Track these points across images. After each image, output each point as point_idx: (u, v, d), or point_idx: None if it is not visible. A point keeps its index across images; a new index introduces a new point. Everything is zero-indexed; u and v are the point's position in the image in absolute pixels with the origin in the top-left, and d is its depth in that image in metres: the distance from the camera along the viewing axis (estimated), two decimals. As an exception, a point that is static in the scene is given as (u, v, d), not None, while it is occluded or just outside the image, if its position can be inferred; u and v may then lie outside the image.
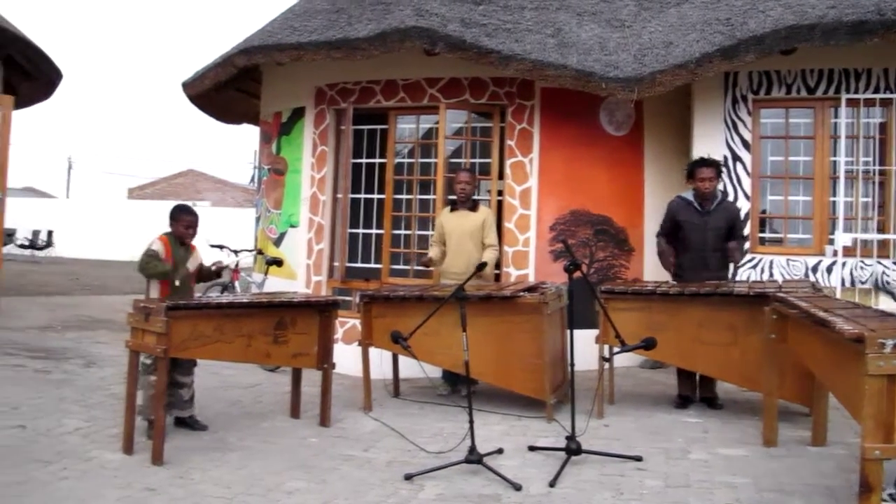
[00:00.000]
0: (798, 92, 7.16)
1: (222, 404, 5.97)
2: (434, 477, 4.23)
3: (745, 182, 7.22)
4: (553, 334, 5.74)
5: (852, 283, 6.90)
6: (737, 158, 7.23)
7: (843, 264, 6.89)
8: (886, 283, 6.86)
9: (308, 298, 5.76)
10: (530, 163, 7.68)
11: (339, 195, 8.22)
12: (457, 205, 6.66)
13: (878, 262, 6.88)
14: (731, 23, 7.01)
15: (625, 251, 7.69)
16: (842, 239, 6.85)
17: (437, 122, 7.88)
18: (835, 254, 6.91)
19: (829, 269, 6.97)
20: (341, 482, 4.22)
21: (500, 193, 7.81)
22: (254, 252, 8.99)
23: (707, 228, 5.92)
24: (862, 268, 6.90)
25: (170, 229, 5.31)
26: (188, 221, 5.31)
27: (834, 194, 7.08)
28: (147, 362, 4.92)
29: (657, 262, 7.13)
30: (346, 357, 6.48)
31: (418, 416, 5.74)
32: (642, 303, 5.57)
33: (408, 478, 4.22)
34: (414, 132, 8.26)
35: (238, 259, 8.48)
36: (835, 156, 7.09)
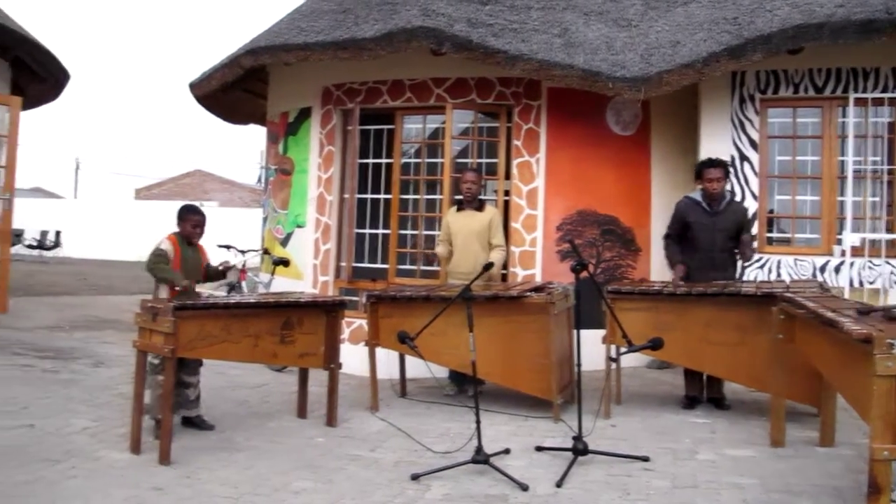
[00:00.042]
0: (806, 91, 7.14)
1: (229, 404, 5.98)
2: (441, 477, 4.23)
3: (753, 182, 7.20)
4: (560, 334, 5.73)
5: (860, 284, 6.88)
6: (744, 158, 7.21)
7: (852, 264, 6.86)
8: (894, 283, 6.83)
9: (315, 298, 5.76)
10: (537, 163, 7.67)
11: (346, 195, 8.23)
12: (463, 204, 6.66)
13: (887, 262, 6.85)
14: (739, 22, 6.99)
15: (631, 251, 7.68)
16: (850, 239, 6.83)
17: (443, 122, 7.88)
18: (843, 254, 6.89)
19: (837, 270, 6.94)
20: (348, 482, 4.22)
21: (507, 193, 7.81)
22: (260, 252, 9.00)
23: (715, 229, 5.89)
24: (870, 268, 6.88)
25: (178, 229, 5.34)
26: (196, 221, 5.33)
27: (842, 194, 7.06)
28: (155, 362, 4.93)
29: (664, 262, 7.11)
30: (352, 357, 6.49)
31: (425, 416, 5.74)
32: (649, 303, 5.56)
33: (414, 478, 4.22)
34: (420, 132, 8.27)
35: (245, 259, 8.49)
36: (843, 155, 7.07)
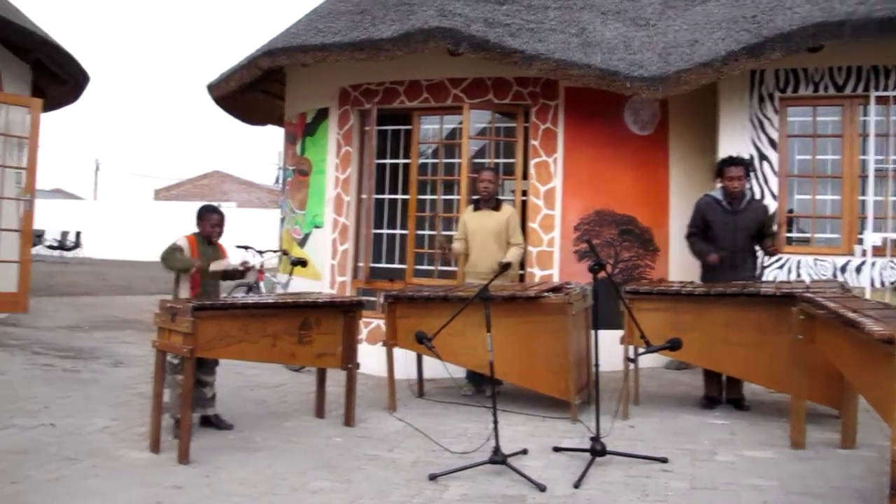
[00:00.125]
0: (826, 90, 7.07)
1: (248, 404, 6.01)
2: (458, 477, 4.23)
3: (772, 181, 7.15)
4: (578, 335, 5.71)
5: (882, 284, 6.81)
6: (763, 157, 7.16)
7: (873, 264, 6.79)
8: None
9: (333, 299, 5.78)
10: (554, 163, 7.65)
11: (364, 196, 8.24)
12: (480, 204, 6.66)
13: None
14: (758, 20, 6.94)
15: (650, 251, 7.64)
16: (871, 238, 6.76)
17: (460, 123, 7.87)
18: (864, 253, 6.82)
19: (858, 270, 6.87)
20: (366, 482, 4.23)
21: (525, 193, 7.79)
22: (279, 253, 9.03)
23: (736, 228, 5.86)
24: (892, 268, 6.80)
25: (197, 229, 5.37)
26: (215, 220, 5.38)
27: (863, 193, 6.99)
28: (174, 362, 4.97)
29: (682, 262, 7.07)
30: (370, 357, 6.49)
31: (443, 416, 5.74)
32: (668, 303, 5.54)
33: (432, 478, 4.22)
34: (438, 132, 8.26)
35: (263, 259, 8.53)
36: (864, 154, 7.00)
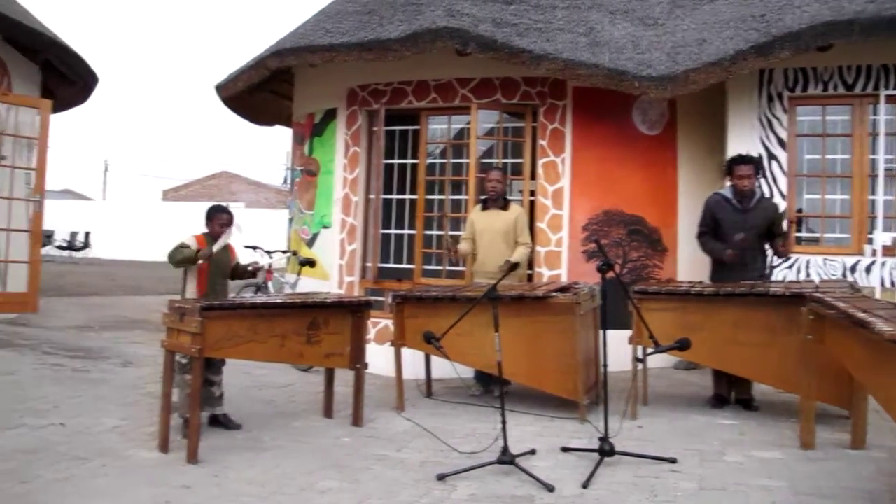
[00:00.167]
0: (835, 89, 7.04)
1: (256, 404, 6.02)
2: (467, 477, 4.23)
3: (781, 181, 7.12)
4: (586, 335, 5.71)
5: (892, 284, 6.77)
6: (772, 157, 7.13)
7: (883, 264, 6.76)
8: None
9: (341, 299, 5.79)
10: (562, 162, 7.64)
11: (372, 196, 8.25)
12: (488, 203, 6.66)
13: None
14: (766, 19, 6.91)
15: (658, 251, 7.62)
16: (881, 238, 6.73)
17: (468, 123, 7.87)
18: (874, 253, 6.79)
19: (867, 269, 6.84)
20: (374, 482, 4.23)
21: (533, 193, 7.79)
22: (287, 254, 9.04)
23: (746, 227, 5.83)
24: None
25: (206, 230, 5.39)
26: (224, 220, 5.39)
27: (873, 193, 6.95)
28: (183, 361, 4.98)
29: (691, 262, 7.05)
30: (378, 357, 6.49)
31: (451, 416, 5.74)
32: (676, 303, 5.52)
33: (440, 478, 4.22)
34: (445, 132, 8.26)
35: (272, 260, 8.54)
36: (873, 153, 6.97)
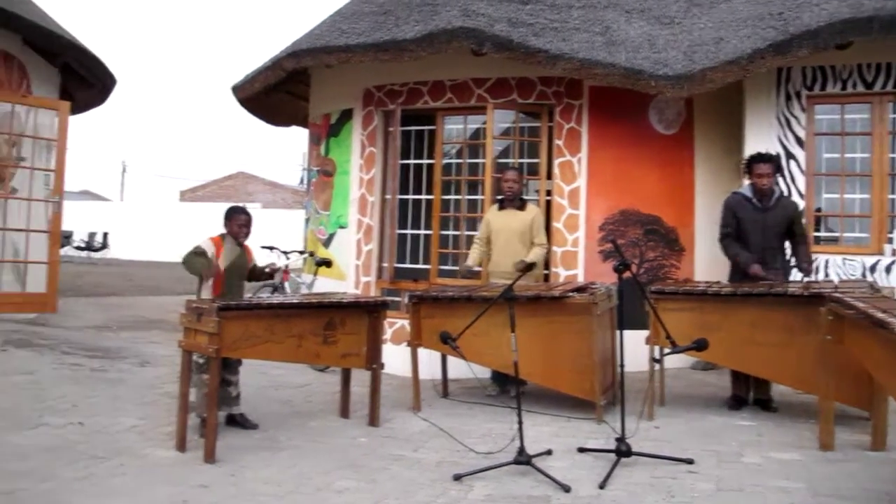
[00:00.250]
0: (854, 87, 6.98)
1: (273, 404, 6.04)
2: (483, 477, 4.22)
3: (800, 180, 7.06)
4: (603, 335, 5.69)
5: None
6: (790, 156, 7.08)
7: (903, 264, 6.71)
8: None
9: (357, 299, 5.79)
10: (579, 162, 7.62)
11: (388, 196, 8.26)
12: (505, 203, 6.65)
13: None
14: (784, 17, 6.86)
15: (675, 251, 7.58)
16: (901, 238, 6.68)
17: (484, 123, 7.87)
18: (894, 253, 6.73)
19: (887, 269, 6.78)
20: (391, 482, 4.24)
21: (549, 193, 7.77)
22: (304, 255, 9.06)
23: (766, 225, 5.79)
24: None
25: (224, 230, 5.41)
26: (242, 220, 5.41)
27: (893, 192, 6.89)
28: (200, 361, 5.01)
29: (708, 261, 7.01)
30: (394, 357, 6.50)
31: (467, 416, 5.74)
32: (693, 303, 5.49)
33: (457, 478, 4.22)
34: (461, 133, 8.26)
35: (289, 261, 8.57)
36: (893, 152, 6.90)
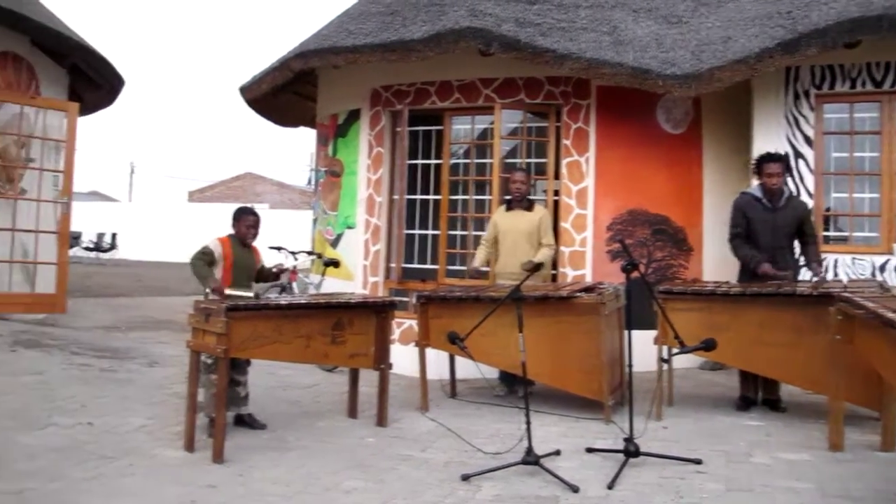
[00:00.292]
0: (863, 86, 6.94)
1: (281, 404, 6.05)
2: (491, 478, 4.22)
3: (808, 179, 7.04)
4: (611, 335, 5.68)
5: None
6: (799, 155, 7.05)
7: (913, 263, 6.67)
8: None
9: (365, 299, 5.80)
10: (586, 162, 7.61)
11: (395, 196, 8.26)
12: (512, 204, 6.65)
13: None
14: (792, 16, 6.84)
15: (683, 251, 7.57)
16: (911, 237, 6.64)
17: (492, 123, 7.86)
18: (903, 252, 6.70)
19: (897, 269, 6.76)
20: (399, 482, 4.24)
21: (557, 193, 7.76)
22: (312, 256, 9.07)
23: (776, 225, 5.77)
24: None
25: (232, 231, 5.43)
26: (251, 221, 5.43)
27: (902, 191, 6.86)
28: (208, 361, 5.02)
29: (717, 261, 6.98)
30: (402, 358, 6.50)
31: (475, 416, 5.74)
32: (702, 303, 5.48)
33: (465, 478, 4.22)
34: (469, 133, 8.26)
35: (297, 261, 8.58)
36: (903, 151, 6.87)
